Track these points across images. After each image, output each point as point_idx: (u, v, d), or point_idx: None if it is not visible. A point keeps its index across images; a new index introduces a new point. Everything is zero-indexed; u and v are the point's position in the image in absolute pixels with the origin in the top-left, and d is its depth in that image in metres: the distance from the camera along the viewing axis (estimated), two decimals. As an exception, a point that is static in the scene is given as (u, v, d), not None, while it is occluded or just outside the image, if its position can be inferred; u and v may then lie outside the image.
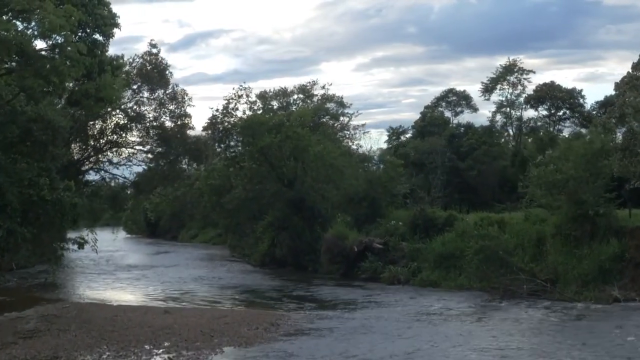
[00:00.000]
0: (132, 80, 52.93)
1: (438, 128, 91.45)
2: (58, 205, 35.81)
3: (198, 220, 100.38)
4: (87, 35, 35.69)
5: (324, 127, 74.57)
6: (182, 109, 54.17)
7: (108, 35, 37.87)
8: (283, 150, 58.95)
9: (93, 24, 36.18)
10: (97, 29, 36.94)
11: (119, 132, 51.57)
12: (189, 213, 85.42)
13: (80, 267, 62.81)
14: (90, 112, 36.48)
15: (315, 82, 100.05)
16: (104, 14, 36.97)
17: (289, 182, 58.99)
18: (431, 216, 49.34)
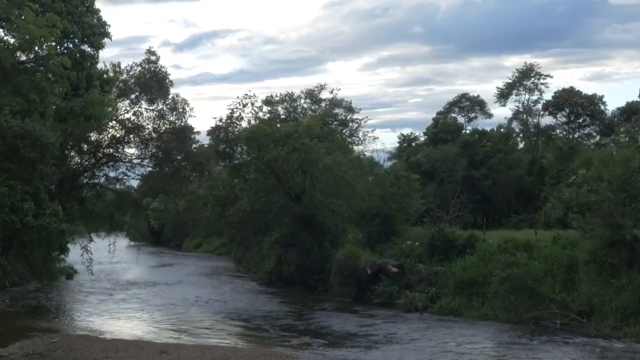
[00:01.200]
0: (130, 89, 49.65)
1: (451, 135, 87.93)
2: (44, 233, 32.53)
3: (202, 229, 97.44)
4: (73, 47, 32.32)
5: (333, 136, 71.28)
6: (183, 119, 50.81)
7: (97, 46, 34.44)
8: (290, 163, 55.58)
9: (80, 34, 32.81)
10: (85, 40, 33.58)
11: (116, 145, 48.18)
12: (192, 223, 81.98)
13: (77, 284, 59.34)
14: (77, 131, 32.88)
15: (323, 86, 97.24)
16: (92, 23, 33.56)
17: (297, 196, 55.59)
18: (450, 237, 45.92)
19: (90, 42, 33.63)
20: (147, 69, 49.88)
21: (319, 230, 54.73)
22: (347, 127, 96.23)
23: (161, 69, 50.45)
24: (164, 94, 50.33)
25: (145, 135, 49.20)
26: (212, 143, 60.31)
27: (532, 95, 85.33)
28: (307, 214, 54.54)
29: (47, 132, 34.01)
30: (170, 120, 50.45)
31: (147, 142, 49.24)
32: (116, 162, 48.96)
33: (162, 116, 50.27)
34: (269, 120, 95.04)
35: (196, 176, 50.58)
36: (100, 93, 29.29)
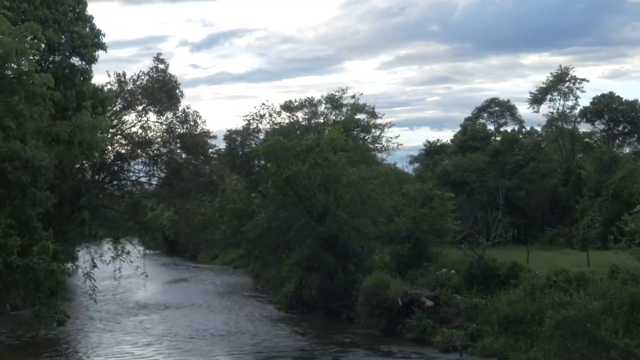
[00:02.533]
0: (137, 100, 45.20)
1: (480, 142, 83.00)
2: (30, 274, 28.27)
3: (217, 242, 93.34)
4: (61, 61, 27.91)
5: (359, 148, 66.79)
6: (195, 131, 46.02)
7: (89, 59, 29.87)
8: (312, 179, 51.08)
9: (69, 46, 28.34)
10: (75, 52, 29.07)
11: (121, 162, 43.58)
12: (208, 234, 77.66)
13: (82, 306, 54.96)
14: (65, 159, 28.44)
15: (344, 90, 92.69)
16: (82, 33, 29.02)
17: (319, 215, 51.15)
18: (491, 265, 41.19)
19: (81, 55, 29.11)
20: (155, 78, 45.47)
21: (343, 252, 50.40)
22: (370, 133, 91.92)
23: (170, 78, 46.00)
24: (174, 105, 45.86)
25: (154, 150, 44.71)
26: (227, 153, 55.72)
27: (567, 100, 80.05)
28: (330, 235, 50.19)
29: (40, 153, 29.75)
30: (180, 134, 45.88)
31: (155, 159, 44.78)
32: (121, 181, 44.45)
33: (172, 130, 45.77)
34: (288, 126, 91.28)
35: (208, 197, 45.84)
36: (93, 115, 24.94)
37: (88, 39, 28.77)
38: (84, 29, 29.10)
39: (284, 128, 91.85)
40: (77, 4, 29.41)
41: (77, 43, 28.16)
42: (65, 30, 27.94)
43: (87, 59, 29.08)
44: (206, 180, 45.01)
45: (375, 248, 51.77)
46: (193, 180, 44.93)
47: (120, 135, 43.46)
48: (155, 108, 45.13)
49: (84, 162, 40.09)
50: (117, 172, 43.80)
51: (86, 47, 28.51)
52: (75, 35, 28.29)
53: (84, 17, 29.80)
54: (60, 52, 27.93)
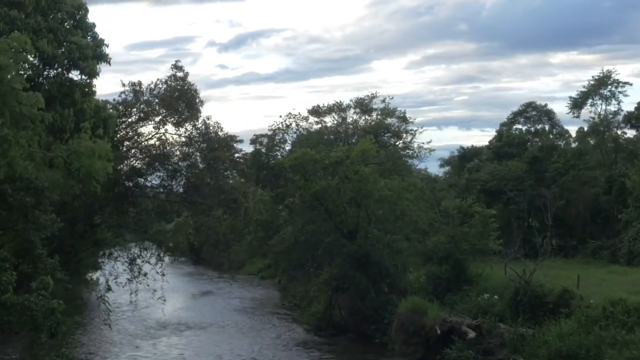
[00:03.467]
0: (154, 111, 42.06)
1: (517, 149, 79.22)
2: (27, 313, 25.18)
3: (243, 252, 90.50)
4: (56, 75, 24.64)
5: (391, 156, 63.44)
6: (215, 145, 42.64)
7: (90, 73, 26.54)
8: (342, 194, 47.78)
9: (66, 58, 25.09)
10: (74, 65, 25.82)
11: (137, 178, 40.32)
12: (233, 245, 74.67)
13: (99, 325, 51.66)
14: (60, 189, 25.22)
15: (374, 95, 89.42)
16: (82, 43, 25.68)
17: (350, 232, 47.92)
18: (539, 292, 37.57)
19: (80, 68, 25.80)
20: (174, 87, 42.31)
21: (376, 271, 47.15)
22: (401, 138, 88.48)
23: (190, 87, 42.77)
24: (194, 115, 42.66)
25: (172, 165, 41.50)
26: (251, 165, 52.58)
27: (609, 105, 76.05)
28: (361, 253, 46.90)
29: (43, 173, 26.72)
30: (200, 147, 42.62)
31: (174, 174, 41.63)
32: (137, 198, 41.20)
33: (191, 143, 42.53)
34: (316, 133, 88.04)
35: (230, 215, 42.44)
36: (92, 138, 21.82)
37: (88, 50, 25.37)
38: (84, 39, 25.72)
39: (312, 134, 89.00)
40: (76, 10, 26.04)
41: (76, 55, 24.83)
42: (62, 40, 24.66)
43: (86, 72, 25.62)
44: (228, 197, 41.73)
45: (409, 266, 48.37)
46: (214, 197, 41.65)
47: (136, 148, 40.40)
48: (174, 119, 41.94)
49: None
50: (133, 188, 40.67)
51: (86, 59, 25.13)
52: (73, 46, 24.96)
53: (84, 26, 26.43)
54: (56, 66, 24.61)
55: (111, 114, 26.76)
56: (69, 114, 24.31)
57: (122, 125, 40.62)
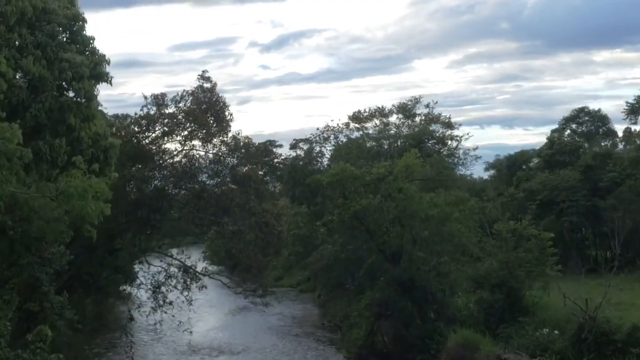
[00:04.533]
0: (180, 125, 38.72)
1: (569, 157, 74.95)
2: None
3: (280, 265, 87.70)
4: (45, 100, 20.97)
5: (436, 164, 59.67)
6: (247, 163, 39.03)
7: (88, 96, 22.59)
8: (384, 213, 44.07)
9: (57, 78, 21.40)
10: (67, 85, 22.06)
11: (161, 199, 36.81)
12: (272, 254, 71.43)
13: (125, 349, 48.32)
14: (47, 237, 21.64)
15: (417, 99, 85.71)
16: (76, 61, 21.74)
17: (393, 254, 44.29)
18: (605, 328, 33.51)
19: (75, 90, 21.88)
20: (201, 99, 38.91)
21: (421, 296, 43.53)
22: (446, 145, 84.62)
23: (219, 99, 39.28)
24: (223, 130, 39.21)
25: (199, 184, 38.01)
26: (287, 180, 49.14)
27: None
28: (405, 277, 43.17)
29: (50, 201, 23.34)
30: (230, 164, 39.11)
31: (201, 194, 38.15)
32: (161, 221, 37.70)
33: (220, 159, 39.04)
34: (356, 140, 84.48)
35: (262, 239, 38.84)
36: (86, 173, 18.48)
37: (84, 68, 21.54)
38: (80, 55, 21.86)
39: (353, 141, 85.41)
40: (71, 21, 22.24)
41: (68, 75, 21.14)
42: (53, 58, 21.07)
43: (81, 95, 21.63)
44: (259, 220, 38.14)
45: (457, 290, 44.64)
46: (244, 219, 38.16)
47: (161, 166, 37.08)
48: (201, 134, 38.56)
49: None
50: (157, 209, 37.35)
51: (81, 79, 21.36)
52: (65, 64, 21.26)
53: (81, 40, 22.66)
54: (45, 88, 20.95)
55: (113, 142, 22.88)
56: (60, 144, 20.85)
57: (146, 141, 37.38)
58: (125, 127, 38.82)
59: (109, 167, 22.38)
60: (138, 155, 37.50)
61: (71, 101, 20.86)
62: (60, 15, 21.20)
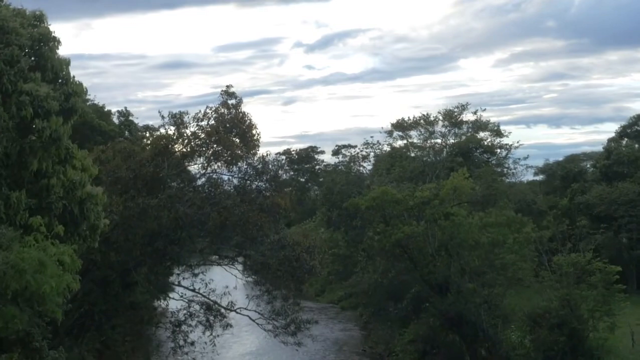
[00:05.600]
0: (204, 144, 34.85)
1: (628, 168, 69.97)
2: None
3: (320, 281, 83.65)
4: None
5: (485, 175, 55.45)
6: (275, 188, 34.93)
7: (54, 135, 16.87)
8: (429, 240, 39.92)
9: (14, 115, 16.62)
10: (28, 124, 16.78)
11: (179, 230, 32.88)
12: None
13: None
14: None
15: (464, 106, 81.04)
16: (40, 94, 16.65)
17: (439, 286, 40.10)
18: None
19: (36, 130, 16.80)
20: (224, 116, 34.96)
21: (471, 332, 39.52)
22: (495, 155, 79.91)
23: (244, 117, 35.27)
24: (250, 151, 35.29)
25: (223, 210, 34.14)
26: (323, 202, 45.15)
27: None
28: (454, 311, 38.99)
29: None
30: (257, 187, 35.15)
31: (224, 223, 34.30)
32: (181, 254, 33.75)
33: (246, 184, 35.05)
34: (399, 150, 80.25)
35: (292, 276, 34.71)
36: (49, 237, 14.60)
37: (52, 102, 16.65)
38: (47, 86, 16.91)
39: (396, 151, 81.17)
40: (37, 42, 17.32)
41: (28, 111, 16.29)
42: (11, 90, 16.45)
43: (47, 135, 16.41)
44: (289, 254, 34.14)
45: (511, 324, 40.31)
46: (273, 252, 34.15)
47: (180, 192, 33.26)
48: (226, 156, 34.64)
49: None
50: (175, 241, 33.52)
51: (48, 115, 16.47)
52: (25, 98, 16.49)
53: (50, 65, 17.84)
54: None
55: (92, 191, 18.03)
56: (19, 198, 16.61)
57: (164, 165, 33.67)
58: (155, 141, 35.30)
59: (87, 224, 18.16)
60: (155, 180, 33.89)
61: (35, 143, 16.73)
62: (24, 35, 17.04)
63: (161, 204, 32.62)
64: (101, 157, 32.79)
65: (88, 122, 51.89)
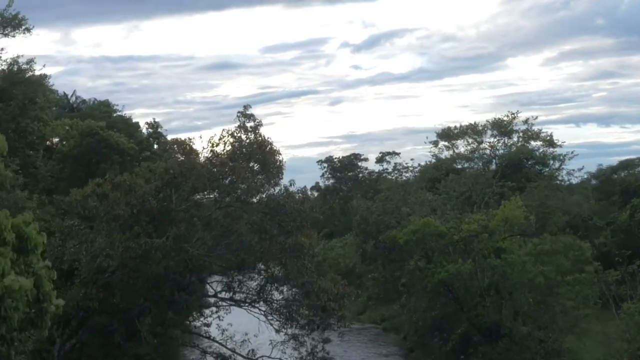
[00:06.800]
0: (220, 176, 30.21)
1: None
2: None
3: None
4: None
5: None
6: (300, 224, 30.08)
7: None
8: (478, 279, 35.10)
9: None
10: None
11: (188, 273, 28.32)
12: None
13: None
14: None
15: (514, 115, 75.89)
16: None
17: (490, 329, 35.22)
18: None
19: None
20: (241, 141, 30.39)
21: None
22: (547, 167, 74.49)
23: (265, 142, 30.57)
24: (273, 179, 30.70)
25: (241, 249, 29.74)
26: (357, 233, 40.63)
27: None
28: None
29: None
30: (280, 222, 30.30)
31: (241, 265, 29.85)
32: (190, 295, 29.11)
33: (267, 219, 30.19)
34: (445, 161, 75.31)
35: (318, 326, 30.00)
36: None
37: None
38: None
39: (442, 162, 76.23)
40: None
41: None
42: None
43: None
44: (314, 303, 29.42)
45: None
46: (298, 301, 29.46)
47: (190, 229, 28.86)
48: (243, 188, 30.06)
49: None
50: (184, 286, 29.06)
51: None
52: None
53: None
54: None
55: (12, 284, 12.94)
56: None
57: (172, 198, 29.38)
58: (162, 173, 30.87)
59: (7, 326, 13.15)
60: (163, 214, 29.66)
61: None
62: None
63: (167, 244, 28.28)
64: (97, 191, 28.52)
65: (105, 140, 48.40)
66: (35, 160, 46.31)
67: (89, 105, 72.28)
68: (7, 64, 45.04)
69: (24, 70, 45.56)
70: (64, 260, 28.35)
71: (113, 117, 70.03)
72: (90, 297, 28.39)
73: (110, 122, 63.62)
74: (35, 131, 45.57)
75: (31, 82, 45.70)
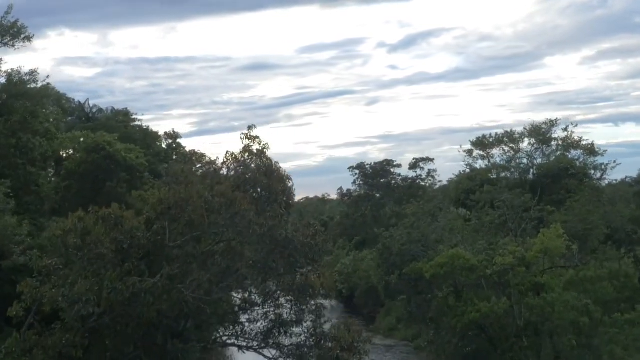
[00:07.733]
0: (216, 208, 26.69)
1: None
2: None
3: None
4: None
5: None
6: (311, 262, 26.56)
7: None
8: (514, 317, 31.27)
9: None
10: None
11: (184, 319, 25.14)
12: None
13: None
14: None
15: (554, 122, 71.74)
16: None
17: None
18: None
19: None
20: (247, 166, 26.99)
21: None
22: (588, 177, 69.99)
23: (272, 166, 27.01)
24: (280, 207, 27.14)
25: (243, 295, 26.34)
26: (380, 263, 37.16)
27: None
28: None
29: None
30: (289, 260, 26.77)
31: (245, 306, 26.42)
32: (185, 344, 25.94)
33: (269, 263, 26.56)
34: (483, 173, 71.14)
35: None
36: None
37: None
38: None
39: (476, 173, 72.16)
40: None
41: None
42: None
43: None
44: (326, 355, 25.97)
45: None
46: (310, 348, 26.05)
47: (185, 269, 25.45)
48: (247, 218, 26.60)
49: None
50: (178, 333, 25.82)
51: None
52: None
53: None
54: None
55: None
56: None
57: (165, 232, 26.05)
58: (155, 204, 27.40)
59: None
60: (158, 249, 26.31)
61: None
62: None
63: (159, 285, 24.82)
64: (78, 226, 24.99)
65: (111, 156, 45.34)
66: (38, 177, 43.48)
67: (105, 115, 69.55)
68: (7, 75, 42.28)
69: (25, 82, 42.84)
70: (44, 303, 25.10)
71: (131, 126, 67.27)
72: (74, 345, 25.09)
73: (127, 133, 60.78)
74: (37, 147, 42.73)
75: (33, 95, 42.97)
